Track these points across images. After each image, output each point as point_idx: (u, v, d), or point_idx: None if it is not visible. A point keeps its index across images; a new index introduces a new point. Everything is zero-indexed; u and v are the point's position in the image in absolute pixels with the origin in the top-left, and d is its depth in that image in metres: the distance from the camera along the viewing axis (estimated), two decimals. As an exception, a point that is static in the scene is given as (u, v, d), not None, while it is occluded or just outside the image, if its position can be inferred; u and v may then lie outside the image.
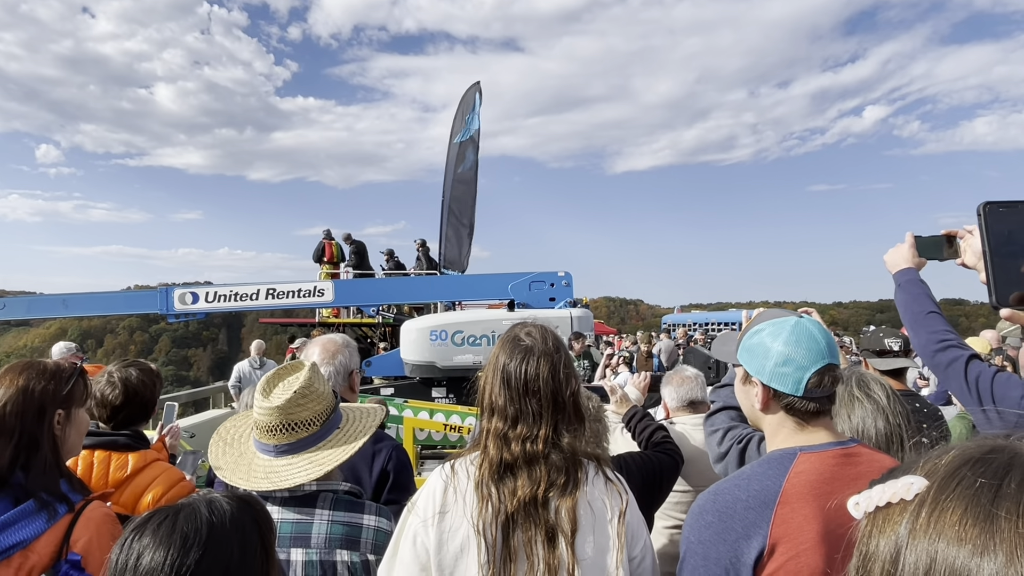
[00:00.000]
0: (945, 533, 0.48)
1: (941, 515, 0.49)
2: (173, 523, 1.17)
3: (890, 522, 0.52)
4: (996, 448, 0.52)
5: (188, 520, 1.17)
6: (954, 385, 1.68)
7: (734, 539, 1.34)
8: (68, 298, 8.28)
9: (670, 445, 2.48)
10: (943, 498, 0.50)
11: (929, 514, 0.50)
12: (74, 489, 1.67)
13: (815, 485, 1.34)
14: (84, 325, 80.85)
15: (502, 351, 1.56)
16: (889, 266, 1.75)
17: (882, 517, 0.54)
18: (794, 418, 1.45)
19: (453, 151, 13.48)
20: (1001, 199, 1.21)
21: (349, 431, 1.73)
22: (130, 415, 2.27)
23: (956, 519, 0.48)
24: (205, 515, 1.19)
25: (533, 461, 1.47)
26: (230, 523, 1.20)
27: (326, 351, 2.28)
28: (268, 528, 1.29)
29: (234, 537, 1.19)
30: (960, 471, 0.51)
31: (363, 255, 14.44)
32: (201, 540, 1.15)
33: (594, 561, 1.44)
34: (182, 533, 1.15)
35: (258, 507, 1.30)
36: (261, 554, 1.24)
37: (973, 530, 0.47)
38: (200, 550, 1.14)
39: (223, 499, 1.24)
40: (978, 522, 0.47)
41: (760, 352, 1.47)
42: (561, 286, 7.65)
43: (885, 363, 3.04)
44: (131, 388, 2.26)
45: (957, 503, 0.49)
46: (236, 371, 9.68)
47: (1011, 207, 1.20)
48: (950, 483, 0.51)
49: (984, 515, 0.47)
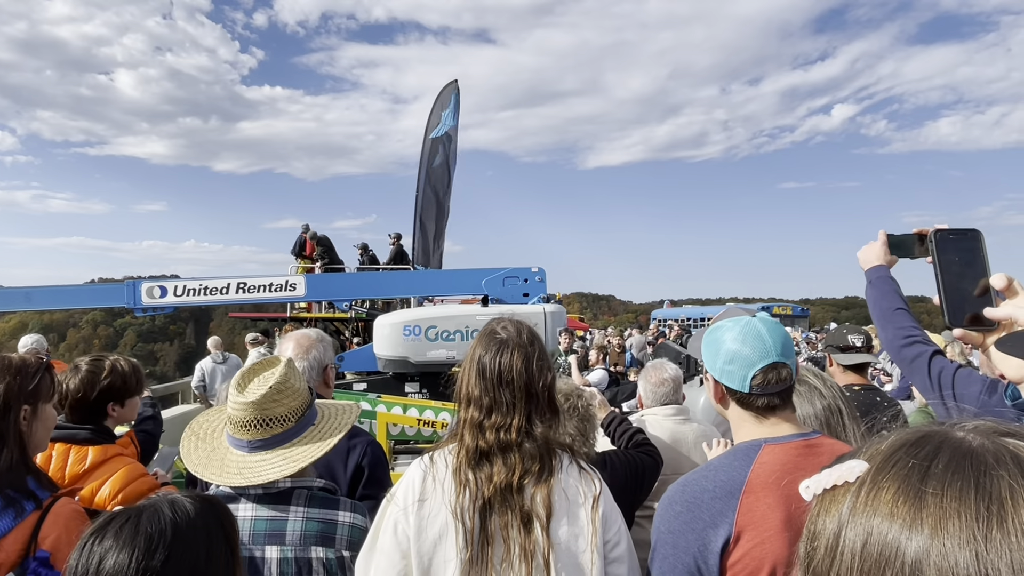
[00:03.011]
0: (879, 511, 0.52)
1: (877, 494, 0.53)
2: (136, 525, 1.15)
3: (835, 503, 0.56)
4: (929, 433, 0.55)
5: (151, 521, 1.16)
6: (918, 379, 1.75)
7: (702, 528, 1.38)
8: (31, 291, 8.03)
9: (651, 447, 2.53)
10: (880, 479, 0.54)
11: (867, 494, 0.53)
12: (42, 486, 1.65)
13: (778, 475, 1.39)
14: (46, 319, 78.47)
15: (479, 344, 1.62)
16: (861, 263, 1.81)
17: (828, 498, 0.57)
18: (749, 412, 1.51)
19: (427, 146, 13.41)
20: (951, 227, 1.31)
21: (324, 428, 1.73)
22: (90, 410, 2.22)
23: (890, 497, 0.52)
24: (169, 516, 1.17)
25: (507, 449, 1.52)
26: (195, 523, 1.19)
27: (300, 346, 2.27)
28: (232, 528, 1.28)
29: (199, 537, 1.18)
30: (896, 454, 0.55)
31: (330, 249, 14.32)
32: (166, 541, 1.14)
33: (568, 545, 1.49)
34: (146, 535, 1.13)
35: (221, 507, 1.29)
36: (227, 554, 1.24)
37: (903, 507, 0.51)
38: (165, 551, 1.13)
39: (186, 499, 1.23)
40: (908, 500, 0.51)
41: (713, 349, 1.54)
42: (535, 282, 7.66)
43: (848, 358, 3.14)
44: (69, 388, 2.20)
45: (891, 483, 0.53)
46: (199, 369, 9.54)
47: (960, 234, 1.30)
48: (886, 465, 0.54)
49: (913, 493, 0.51)
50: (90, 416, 2.23)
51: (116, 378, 2.28)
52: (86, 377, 2.23)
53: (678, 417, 2.91)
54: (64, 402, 2.19)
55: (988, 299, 1.20)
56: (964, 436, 0.54)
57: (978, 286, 1.22)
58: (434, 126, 13.62)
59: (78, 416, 2.22)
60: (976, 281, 1.23)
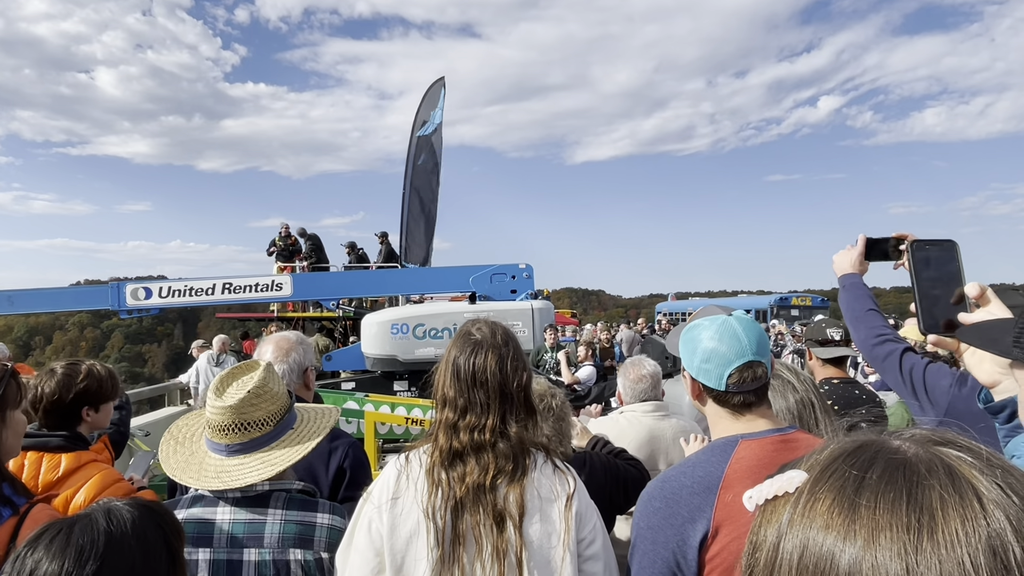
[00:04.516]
0: (816, 521, 0.52)
1: (814, 505, 0.53)
2: (68, 536, 1.15)
3: (776, 513, 0.56)
4: (867, 443, 0.56)
5: (84, 532, 1.16)
6: (890, 377, 1.78)
7: (680, 523, 1.40)
8: (14, 294, 7.94)
9: (635, 461, 2.53)
10: (817, 489, 0.54)
11: (804, 504, 0.54)
12: (17, 493, 1.64)
13: (755, 470, 1.40)
14: (32, 322, 77.81)
15: (455, 346, 1.63)
16: (836, 268, 1.83)
17: (770, 508, 0.57)
18: (726, 409, 1.52)
19: (414, 144, 13.37)
20: (926, 238, 1.39)
21: (303, 431, 1.73)
22: (65, 413, 2.19)
23: (826, 508, 0.52)
24: (103, 525, 1.18)
25: (481, 449, 1.52)
26: (131, 531, 1.20)
27: (280, 349, 2.26)
28: (175, 533, 1.29)
29: (135, 545, 1.19)
30: (834, 464, 0.55)
31: (319, 248, 14.27)
32: (98, 552, 1.14)
33: (541, 544, 1.50)
34: (77, 546, 1.14)
35: (162, 512, 1.30)
36: (167, 560, 1.24)
37: (838, 518, 0.51)
38: (97, 562, 1.13)
39: (124, 507, 1.23)
40: (843, 510, 0.51)
41: (690, 347, 1.56)
42: (522, 278, 7.69)
43: (827, 352, 3.17)
44: (44, 392, 2.17)
45: (827, 493, 0.53)
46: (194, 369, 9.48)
47: (935, 244, 1.36)
48: (824, 475, 0.54)
49: (848, 504, 0.51)
50: (64, 420, 2.20)
51: (92, 382, 2.25)
52: (62, 380, 2.20)
53: (657, 413, 2.92)
54: (38, 405, 2.16)
55: (963, 307, 1.24)
56: (900, 445, 0.54)
57: (953, 294, 1.27)
58: (421, 124, 13.58)
59: (52, 420, 2.18)
60: (951, 289, 1.28)
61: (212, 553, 1.58)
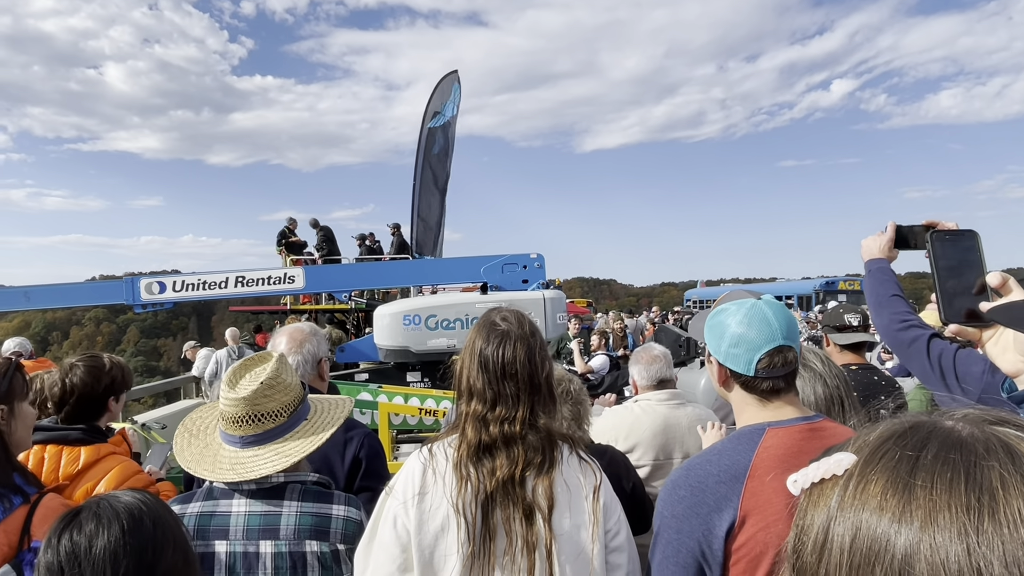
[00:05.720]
0: (868, 504, 0.50)
1: (866, 487, 0.51)
2: (109, 505, 1.22)
3: (823, 497, 0.54)
4: (918, 423, 0.54)
5: (117, 500, 1.23)
6: (916, 364, 1.71)
7: (706, 512, 1.37)
8: (30, 290, 8.02)
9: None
10: (868, 471, 0.52)
11: (855, 487, 0.52)
12: (28, 482, 1.69)
13: (783, 459, 1.37)
14: (49, 317, 78.88)
15: (478, 336, 1.59)
16: (864, 252, 1.80)
17: (816, 492, 0.55)
18: (753, 395, 1.49)
19: (425, 136, 13.33)
20: (946, 228, 1.40)
21: (317, 422, 1.72)
22: (79, 410, 2.22)
23: (879, 490, 0.50)
24: (127, 498, 1.25)
25: (511, 442, 1.51)
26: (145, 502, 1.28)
27: (293, 340, 2.27)
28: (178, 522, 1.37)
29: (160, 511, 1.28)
30: (884, 445, 0.53)
31: (331, 240, 14.28)
32: (148, 509, 1.23)
33: (571, 535, 1.49)
34: (126, 507, 1.21)
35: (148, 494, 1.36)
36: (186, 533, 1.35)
37: (892, 500, 0.49)
38: (151, 518, 1.22)
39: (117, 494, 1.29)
40: (897, 492, 0.49)
41: (717, 332, 1.53)
42: (534, 268, 7.64)
43: (845, 338, 3.11)
44: (74, 383, 2.21)
45: (880, 475, 0.51)
46: (213, 360, 9.55)
47: (957, 235, 1.37)
48: (875, 457, 0.53)
49: (903, 485, 0.49)
50: (91, 411, 2.24)
51: (117, 371, 2.31)
52: (91, 371, 2.25)
53: (672, 402, 2.88)
54: (69, 398, 2.20)
55: (985, 296, 1.24)
56: (953, 425, 0.52)
57: (975, 284, 1.28)
58: (432, 116, 13.52)
59: (79, 411, 2.22)
60: (973, 279, 1.29)
61: (228, 545, 1.58)
